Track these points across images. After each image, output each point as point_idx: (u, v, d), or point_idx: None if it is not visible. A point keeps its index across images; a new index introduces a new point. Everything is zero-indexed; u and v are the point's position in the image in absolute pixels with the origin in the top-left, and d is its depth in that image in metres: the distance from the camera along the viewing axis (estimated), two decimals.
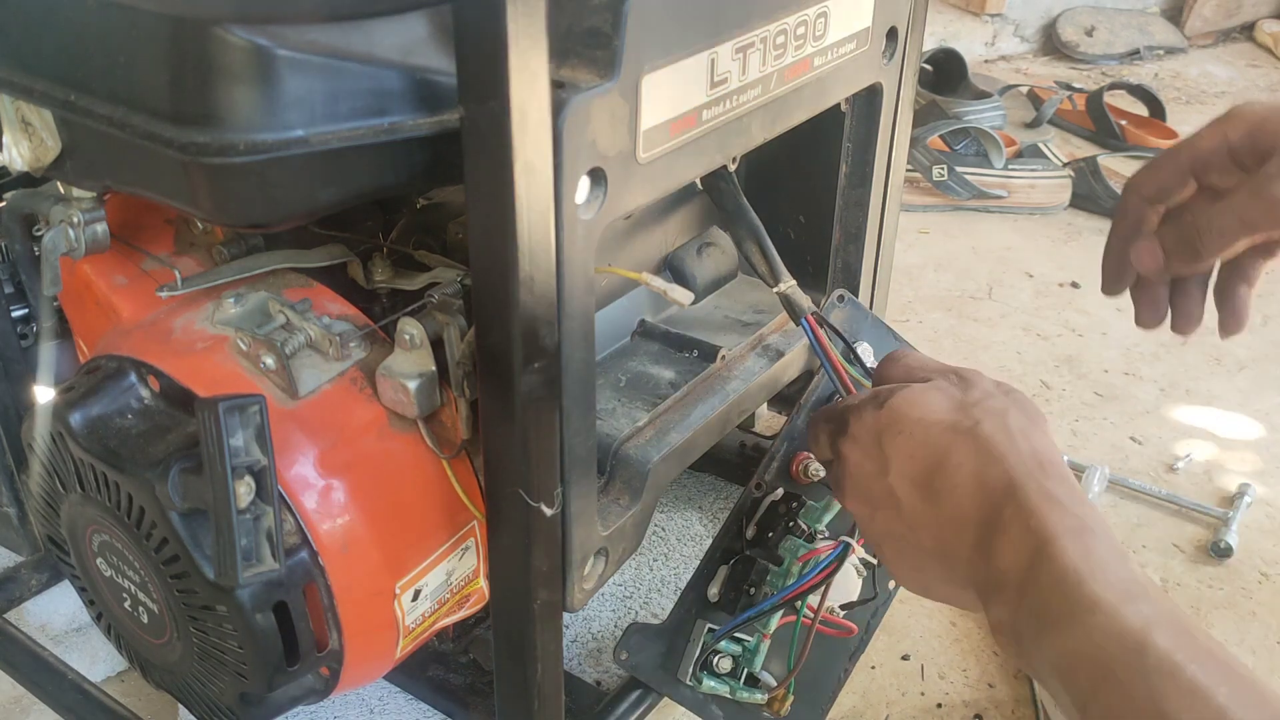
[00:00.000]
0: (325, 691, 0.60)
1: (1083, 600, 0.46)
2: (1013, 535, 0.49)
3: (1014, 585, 0.48)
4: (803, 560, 0.68)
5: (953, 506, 0.52)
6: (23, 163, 0.53)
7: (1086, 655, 0.45)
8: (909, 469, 0.54)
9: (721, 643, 0.67)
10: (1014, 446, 0.52)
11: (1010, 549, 0.49)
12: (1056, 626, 0.46)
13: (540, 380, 0.49)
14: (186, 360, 0.58)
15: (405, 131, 0.47)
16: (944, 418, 0.54)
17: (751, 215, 0.71)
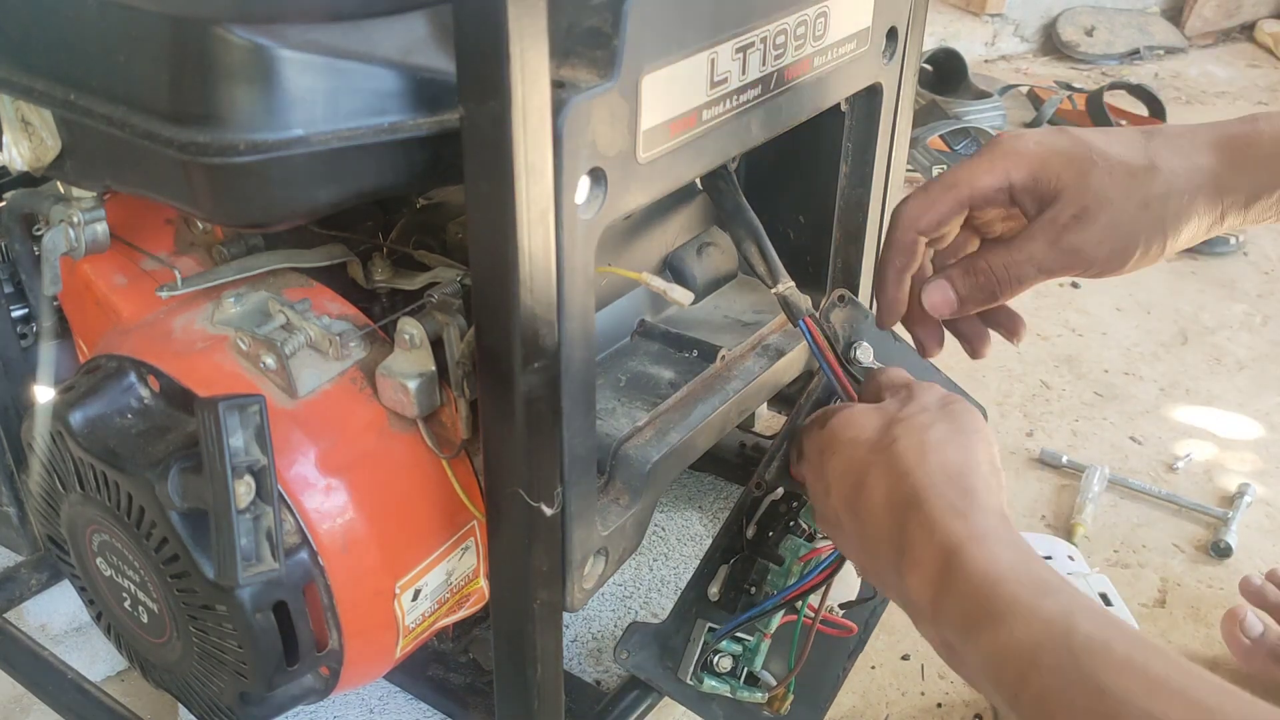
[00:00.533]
0: (325, 691, 0.60)
1: (998, 601, 0.46)
2: (919, 551, 0.50)
3: (928, 599, 0.49)
4: (804, 560, 0.68)
5: (871, 527, 0.53)
6: (23, 162, 0.53)
7: (1011, 650, 0.45)
8: (840, 490, 0.55)
9: (722, 642, 0.67)
10: (923, 461, 0.53)
11: (919, 565, 0.50)
12: (978, 629, 0.46)
13: (540, 380, 0.49)
14: (186, 360, 0.58)
15: (405, 131, 0.47)
16: (869, 437, 0.55)
17: (750, 215, 0.71)
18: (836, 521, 0.57)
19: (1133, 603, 1.00)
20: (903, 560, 0.51)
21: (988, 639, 0.46)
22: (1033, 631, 0.45)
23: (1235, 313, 1.49)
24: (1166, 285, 1.54)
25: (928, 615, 0.50)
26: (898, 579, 0.51)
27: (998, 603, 0.46)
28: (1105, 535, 1.09)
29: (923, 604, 0.50)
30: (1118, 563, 1.06)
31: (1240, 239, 1.62)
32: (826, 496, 0.57)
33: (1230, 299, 1.52)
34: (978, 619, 0.47)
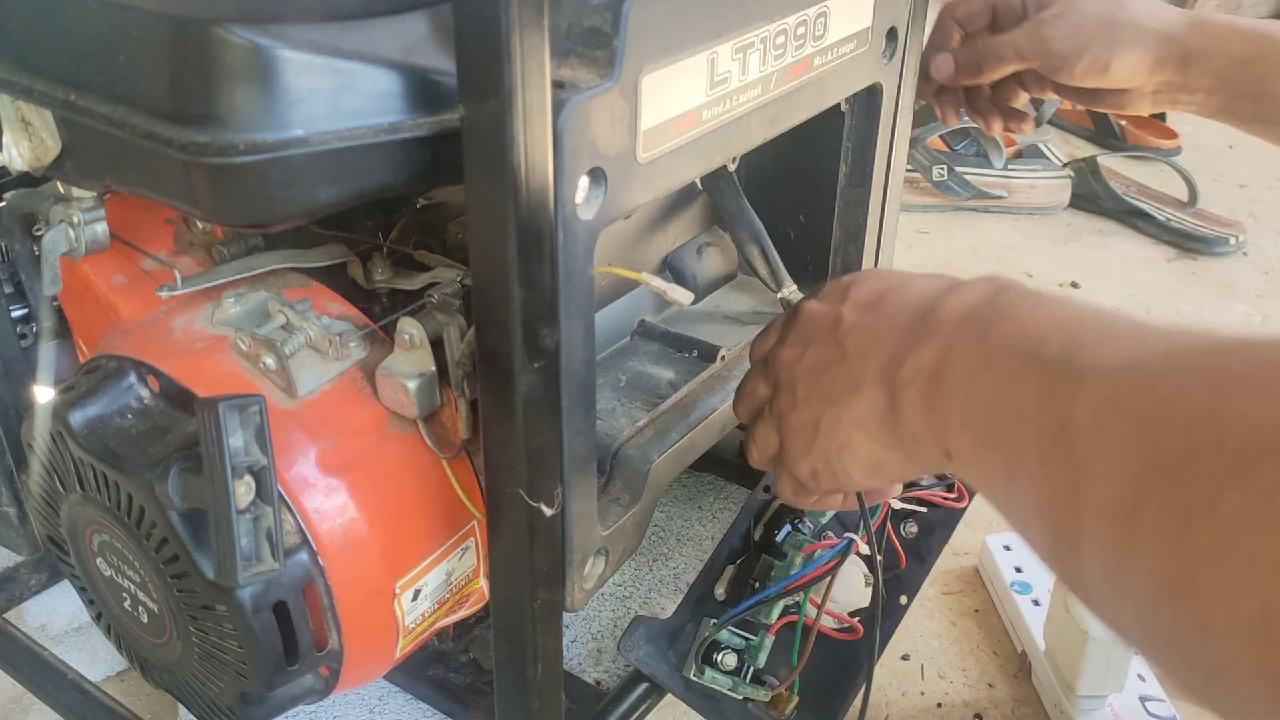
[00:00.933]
0: (325, 691, 0.60)
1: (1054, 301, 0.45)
2: (979, 284, 0.49)
3: (962, 318, 0.48)
4: (806, 552, 0.68)
5: (899, 299, 0.53)
6: (23, 163, 0.53)
7: (1063, 319, 0.43)
8: (864, 292, 0.55)
9: (723, 635, 0.67)
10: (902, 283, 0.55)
11: (969, 295, 0.49)
12: (1013, 317, 0.45)
13: (540, 380, 0.49)
14: (186, 360, 0.58)
15: (405, 131, 0.47)
16: (834, 293, 0.57)
17: (753, 218, 0.71)
18: (832, 324, 0.55)
19: None
20: (940, 302, 0.49)
21: (1021, 317, 0.45)
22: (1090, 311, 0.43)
23: (1235, 313, 1.49)
24: (1166, 285, 1.54)
25: (950, 328, 0.48)
26: (918, 321, 0.50)
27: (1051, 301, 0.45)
28: None
29: (948, 324, 0.48)
30: None
31: (1240, 239, 1.62)
32: (835, 312, 0.55)
33: (1230, 299, 1.52)
34: (1025, 307, 0.46)
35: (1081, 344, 0.41)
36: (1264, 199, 1.81)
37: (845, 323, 0.55)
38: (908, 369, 0.49)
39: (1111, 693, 0.82)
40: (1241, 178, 1.88)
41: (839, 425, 0.55)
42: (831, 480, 0.56)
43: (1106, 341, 0.41)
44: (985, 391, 0.45)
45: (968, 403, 0.46)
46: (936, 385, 0.48)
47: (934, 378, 0.48)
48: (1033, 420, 0.41)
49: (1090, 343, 0.41)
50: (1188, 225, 1.63)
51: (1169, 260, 1.61)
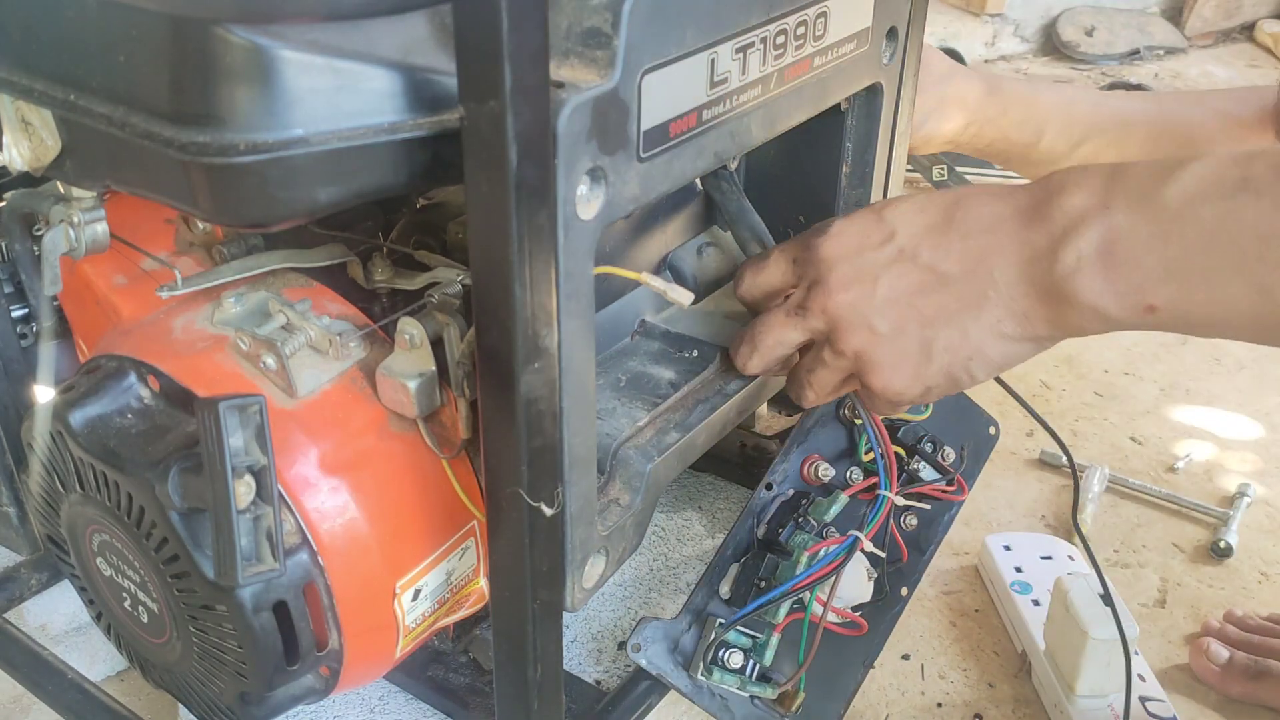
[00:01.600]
0: (325, 691, 0.60)
1: (1180, 159, 0.53)
2: (1076, 179, 0.55)
3: (1096, 206, 0.54)
4: (811, 552, 0.68)
5: (980, 216, 0.58)
6: (23, 163, 0.53)
7: (1230, 165, 0.51)
8: (920, 220, 0.59)
9: (730, 634, 0.67)
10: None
11: (1080, 189, 0.55)
12: (1177, 174, 0.52)
13: (540, 380, 0.49)
14: (186, 360, 0.58)
15: (405, 131, 0.47)
16: (938, 192, 0.61)
17: (754, 218, 0.72)
18: (898, 256, 0.60)
19: (1133, 603, 1.00)
20: (1050, 192, 0.56)
21: (1193, 169, 0.52)
22: (1229, 152, 0.52)
23: None
24: None
25: (1095, 211, 0.54)
26: (1041, 212, 0.56)
27: (1184, 158, 0.53)
28: (1105, 535, 1.09)
29: (1089, 205, 0.54)
30: (1118, 563, 1.06)
31: None
32: (886, 241, 0.60)
33: None
34: (1171, 168, 0.53)
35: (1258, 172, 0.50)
36: None
37: (921, 249, 0.59)
38: (1067, 261, 0.54)
39: (1111, 693, 0.82)
40: None
41: (965, 339, 0.59)
42: (951, 388, 0.61)
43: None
44: (1191, 239, 0.52)
45: (1171, 257, 0.52)
46: (1112, 260, 0.54)
47: (1106, 254, 0.54)
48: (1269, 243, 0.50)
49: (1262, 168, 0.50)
50: None
51: None
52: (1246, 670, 0.88)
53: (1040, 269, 0.55)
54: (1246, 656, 0.89)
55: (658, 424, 0.66)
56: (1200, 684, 0.90)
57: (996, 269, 0.57)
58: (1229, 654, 0.89)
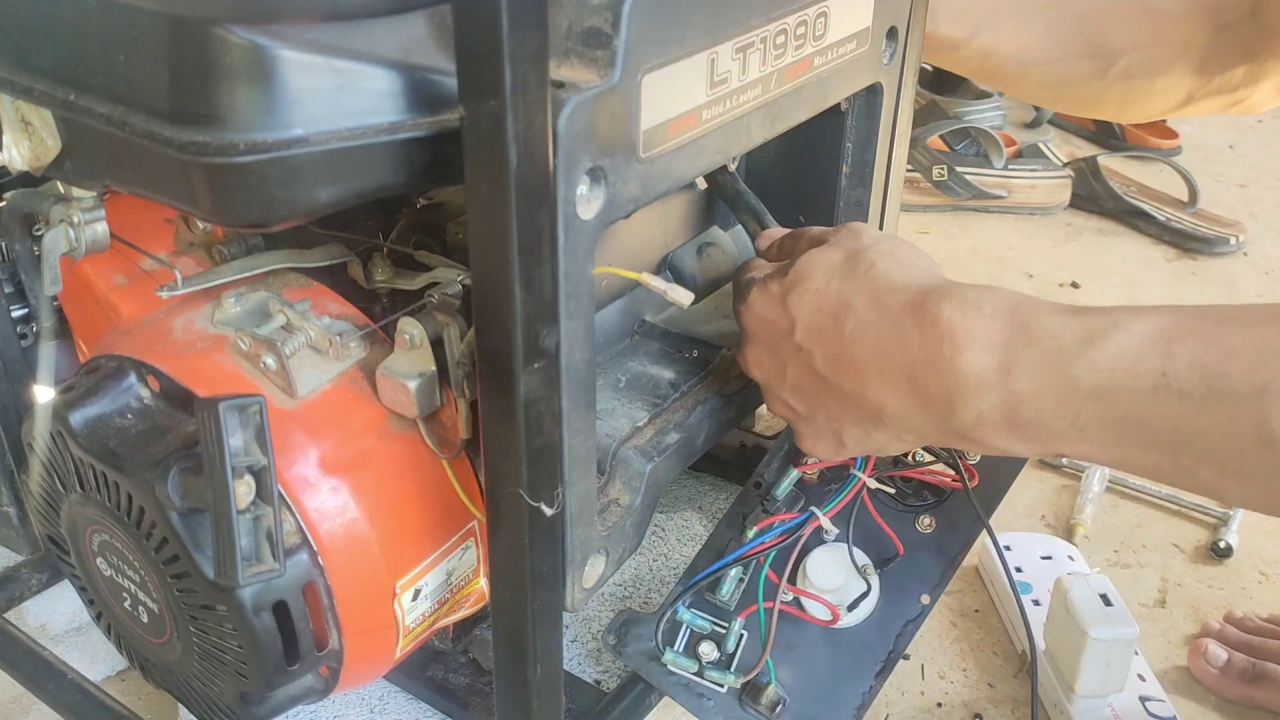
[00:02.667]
0: (325, 691, 0.60)
1: (1097, 320, 0.50)
2: (969, 324, 0.51)
3: (996, 362, 0.51)
4: (760, 525, 0.68)
5: (870, 341, 0.55)
6: (23, 162, 0.53)
7: (1143, 341, 0.48)
8: (815, 321, 0.57)
9: (688, 617, 0.67)
10: (913, 269, 0.57)
11: (974, 336, 0.51)
12: (1091, 347, 0.49)
13: (540, 380, 0.49)
14: (186, 360, 0.58)
15: (405, 131, 0.47)
16: (840, 268, 0.58)
17: (752, 198, 0.72)
18: (799, 354, 0.58)
19: (1133, 603, 1.00)
20: (942, 343, 0.52)
21: (1108, 348, 0.49)
22: (1151, 322, 0.48)
23: None
24: (1166, 285, 1.54)
25: (993, 376, 0.51)
26: (934, 364, 0.52)
27: (1098, 321, 0.49)
28: (1105, 535, 1.09)
29: (986, 369, 0.51)
30: (1118, 563, 1.06)
31: (1241, 239, 1.62)
32: (789, 334, 0.58)
33: (1230, 299, 1.52)
34: (1084, 340, 0.49)
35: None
36: (1264, 199, 1.81)
37: (815, 353, 0.58)
38: (964, 417, 0.52)
39: (1111, 693, 0.82)
40: (1241, 178, 1.88)
41: (869, 439, 0.60)
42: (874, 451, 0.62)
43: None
44: (1104, 419, 0.49)
45: (1082, 427, 0.50)
46: (1017, 421, 0.51)
47: (1010, 417, 0.51)
48: (1216, 442, 0.47)
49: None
50: (1188, 225, 1.63)
51: (1169, 260, 1.61)
52: (1244, 673, 0.88)
53: (935, 415, 0.54)
54: (1245, 659, 0.89)
55: (658, 424, 0.66)
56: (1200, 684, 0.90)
57: (887, 404, 0.55)
58: (1227, 656, 0.89)
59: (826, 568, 0.68)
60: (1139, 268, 1.59)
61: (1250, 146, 2.00)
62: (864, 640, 0.68)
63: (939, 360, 0.52)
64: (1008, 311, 0.51)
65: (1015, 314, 0.51)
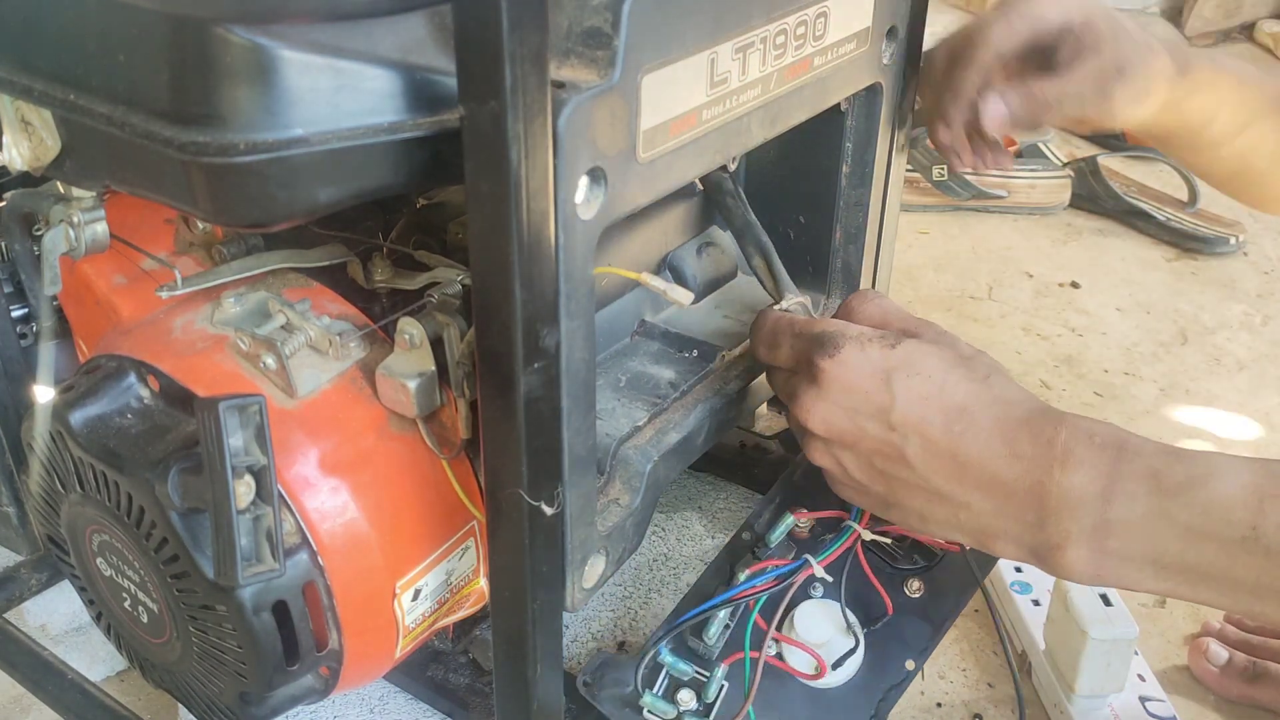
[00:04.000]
0: (325, 691, 0.60)
1: (1195, 464, 0.53)
2: (1079, 452, 0.54)
3: (1099, 490, 0.53)
4: (752, 570, 0.67)
5: (980, 446, 0.56)
6: (22, 162, 0.53)
7: (1236, 494, 0.51)
8: (921, 410, 0.57)
9: (670, 660, 0.65)
10: (1023, 393, 0.58)
11: (1082, 464, 0.54)
12: (1188, 490, 0.52)
13: (540, 380, 0.49)
14: (186, 360, 0.58)
15: (405, 131, 0.47)
16: (955, 367, 0.58)
17: (759, 232, 0.72)
18: (887, 439, 0.58)
19: (1133, 603, 1.00)
20: (1053, 464, 0.54)
21: (1205, 494, 0.52)
22: (1246, 476, 0.52)
23: (1235, 313, 1.49)
24: (1166, 285, 1.54)
25: (1093, 501, 0.53)
26: (1035, 490, 0.55)
27: (1198, 467, 0.53)
28: None
29: (1088, 493, 0.53)
30: None
31: (1240, 239, 1.62)
32: (883, 414, 0.58)
33: (1230, 299, 1.52)
34: (1183, 483, 0.52)
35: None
36: None
37: (910, 444, 0.58)
38: (1052, 534, 0.55)
39: (1111, 693, 0.82)
40: None
41: (922, 525, 0.61)
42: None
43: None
44: (1185, 560, 0.53)
45: (1163, 566, 0.53)
46: (1099, 549, 0.54)
47: (1095, 542, 0.54)
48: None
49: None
50: (1188, 225, 1.63)
51: (1169, 260, 1.61)
52: (1245, 672, 0.88)
53: (1024, 525, 0.56)
54: (1245, 658, 0.89)
55: (658, 424, 0.66)
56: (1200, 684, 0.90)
57: (975, 504, 0.57)
58: (1228, 655, 0.89)
59: (815, 621, 0.66)
60: (1139, 268, 1.59)
61: None
62: (846, 702, 0.65)
63: (1045, 478, 0.54)
64: (1116, 444, 0.54)
65: (1123, 449, 0.54)
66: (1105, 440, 0.54)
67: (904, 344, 0.59)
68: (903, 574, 0.69)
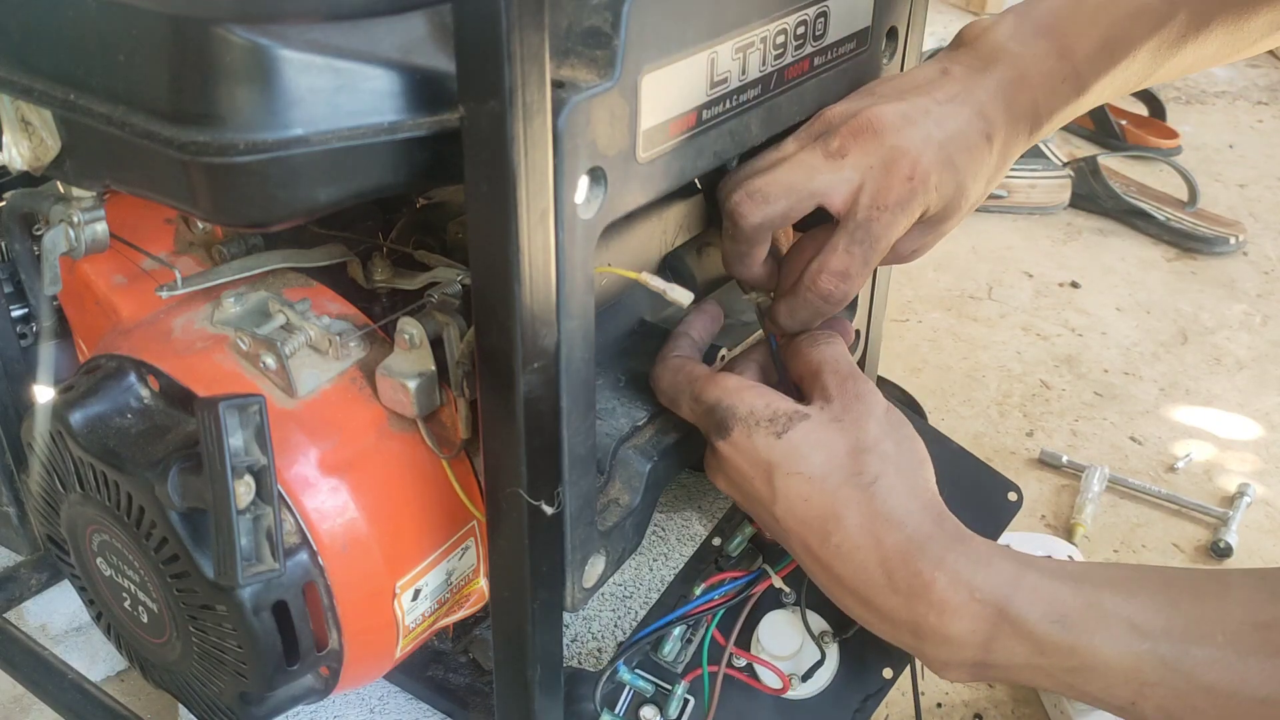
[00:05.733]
0: (325, 691, 0.60)
1: (1076, 642, 0.50)
2: (955, 602, 0.52)
3: (978, 643, 0.52)
4: (709, 583, 0.66)
5: (855, 568, 0.54)
6: (22, 162, 0.53)
7: (1115, 681, 0.50)
8: (801, 512, 0.55)
9: (629, 677, 0.64)
10: (912, 501, 0.54)
11: (959, 615, 0.52)
12: (1070, 673, 0.51)
13: (540, 380, 0.49)
14: (186, 360, 0.58)
15: (405, 131, 0.47)
16: (842, 465, 0.55)
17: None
18: (777, 529, 0.57)
19: None
20: (929, 611, 0.52)
21: (1084, 671, 0.50)
22: (1129, 653, 0.49)
23: (1235, 313, 1.49)
24: (1166, 285, 1.54)
25: (970, 650, 0.52)
26: (915, 620, 0.53)
27: (1080, 636, 0.50)
28: (1105, 535, 1.09)
29: (967, 643, 0.52)
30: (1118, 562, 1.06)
31: (1240, 239, 1.62)
32: (769, 505, 0.56)
33: (1230, 299, 1.52)
34: (1062, 653, 0.51)
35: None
36: (1264, 199, 1.81)
37: (793, 542, 0.56)
38: (931, 659, 0.54)
39: None
40: (1241, 178, 1.88)
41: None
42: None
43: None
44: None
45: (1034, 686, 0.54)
46: (983, 678, 0.54)
47: (978, 675, 0.54)
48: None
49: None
50: (1188, 225, 1.63)
51: (1169, 260, 1.61)
52: None
53: (903, 641, 0.55)
54: None
55: (658, 423, 0.66)
56: None
57: (856, 613, 0.56)
58: None
59: (781, 633, 0.64)
60: (1139, 267, 1.59)
61: (1250, 146, 2.00)
62: (819, 713, 0.64)
63: (921, 620, 0.53)
64: (998, 604, 0.51)
65: (1004, 613, 0.51)
66: (986, 597, 0.51)
67: (792, 432, 0.55)
68: None
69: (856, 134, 0.57)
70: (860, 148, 0.57)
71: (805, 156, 0.58)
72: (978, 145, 0.59)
